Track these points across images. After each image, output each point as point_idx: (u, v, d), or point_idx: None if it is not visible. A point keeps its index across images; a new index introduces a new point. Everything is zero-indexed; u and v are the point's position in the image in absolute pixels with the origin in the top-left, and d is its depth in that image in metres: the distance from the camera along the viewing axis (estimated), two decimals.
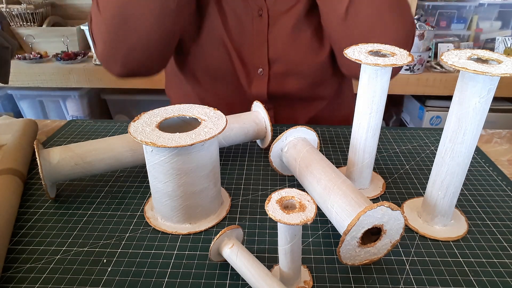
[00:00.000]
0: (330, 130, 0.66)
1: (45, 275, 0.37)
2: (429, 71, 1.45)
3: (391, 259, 0.39)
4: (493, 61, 0.36)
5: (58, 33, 1.57)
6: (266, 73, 0.66)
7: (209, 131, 0.40)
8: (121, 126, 0.67)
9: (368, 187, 0.50)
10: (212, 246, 0.36)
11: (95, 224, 0.44)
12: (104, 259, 0.39)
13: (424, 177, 0.53)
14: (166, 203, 0.42)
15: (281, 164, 0.51)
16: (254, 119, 0.57)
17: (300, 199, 0.33)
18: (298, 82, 0.67)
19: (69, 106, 1.63)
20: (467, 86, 0.36)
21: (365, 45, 0.45)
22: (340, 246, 0.35)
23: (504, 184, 0.52)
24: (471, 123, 0.37)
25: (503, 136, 0.66)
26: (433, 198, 0.42)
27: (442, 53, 0.38)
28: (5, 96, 1.65)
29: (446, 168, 0.40)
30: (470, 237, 0.42)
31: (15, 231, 0.43)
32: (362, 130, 0.46)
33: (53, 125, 0.70)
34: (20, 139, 0.56)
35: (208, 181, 0.42)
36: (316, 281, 0.37)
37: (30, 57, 1.48)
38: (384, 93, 0.43)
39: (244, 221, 0.45)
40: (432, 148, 0.61)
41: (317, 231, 0.43)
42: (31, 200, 0.48)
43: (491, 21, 1.61)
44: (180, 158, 0.39)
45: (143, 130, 0.40)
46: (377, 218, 0.36)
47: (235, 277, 0.37)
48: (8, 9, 1.53)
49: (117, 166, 0.49)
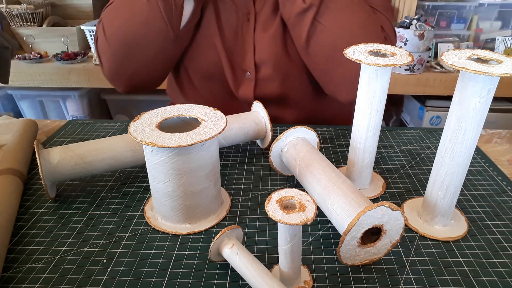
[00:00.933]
0: (330, 130, 0.66)
1: (45, 275, 0.37)
2: (429, 71, 1.45)
3: (391, 259, 0.39)
4: (493, 61, 0.36)
5: (58, 33, 1.57)
6: (253, 77, 0.66)
7: (209, 131, 0.40)
8: (121, 126, 0.67)
9: (368, 187, 0.50)
10: (212, 246, 0.36)
11: (95, 224, 0.44)
12: (104, 259, 0.39)
13: (424, 177, 0.53)
14: (166, 203, 0.42)
15: (281, 164, 0.51)
16: (254, 119, 0.57)
17: (300, 199, 0.33)
18: (285, 86, 0.67)
19: (69, 106, 1.63)
20: (467, 86, 0.36)
21: (365, 45, 0.45)
22: (340, 246, 0.35)
23: (504, 184, 0.52)
24: (471, 123, 0.37)
25: (503, 136, 0.66)
26: (433, 198, 0.42)
27: (442, 53, 0.38)
28: (5, 96, 1.65)
29: (446, 168, 0.40)
30: (470, 237, 0.42)
31: (15, 231, 0.43)
32: (362, 130, 0.46)
33: (53, 125, 0.70)
34: (20, 139, 0.56)
35: (208, 181, 0.42)
36: (316, 281, 0.37)
37: (30, 57, 1.48)
38: (384, 93, 0.43)
39: (244, 221, 0.45)
40: (432, 148, 0.61)
41: (317, 231, 0.43)
42: (31, 200, 0.48)
43: (491, 21, 1.61)
44: (180, 158, 0.39)
45: (143, 130, 0.40)
46: (377, 218, 0.36)
47: (235, 277, 0.37)
48: (8, 9, 1.53)
49: (117, 166, 0.49)
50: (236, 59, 0.67)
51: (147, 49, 0.56)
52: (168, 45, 0.58)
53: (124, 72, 0.59)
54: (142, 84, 0.63)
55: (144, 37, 0.55)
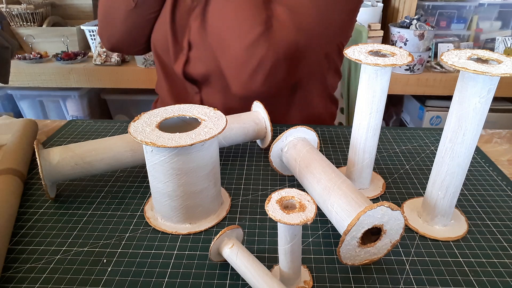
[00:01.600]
0: (330, 130, 0.66)
1: (45, 275, 0.37)
2: (429, 71, 1.45)
3: (391, 259, 0.39)
4: (493, 61, 0.36)
5: (58, 33, 1.57)
6: (186, 55, 0.68)
7: (209, 131, 0.40)
8: (121, 126, 0.67)
9: (368, 187, 0.50)
10: (212, 246, 0.36)
11: (95, 224, 0.44)
12: (104, 259, 0.39)
13: (424, 177, 0.53)
14: (166, 203, 0.42)
15: (281, 164, 0.51)
16: (254, 119, 0.57)
17: (300, 199, 0.33)
18: (212, 68, 0.67)
19: (69, 106, 1.63)
20: (467, 86, 0.36)
21: (365, 45, 0.45)
22: (340, 246, 0.35)
23: (504, 184, 0.52)
24: (471, 123, 0.37)
25: (503, 136, 0.66)
26: (433, 198, 0.42)
27: (442, 53, 0.38)
28: (5, 96, 1.65)
29: (446, 168, 0.40)
30: (470, 237, 0.42)
31: (15, 231, 0.43)
32: (362, 130, 0.46)
33: (53, 125, 0.70)
34: (20, 139, 0.56)
35: (208, 181, 0.42)
36: (316, 281, 0.37)
37: (30, 57, 1.48)
38: (384, 93, 0.43)
39: (244, 221, 0.45)
40: (432, 148, 0.61)
41: (317, 231, 0.43)
42: (31, 200, 0.48)
43: (491, 21, 1.61)
44: (180, 158, 0.39)
45: (143, 130, 0.40)
46: (377, 218, 0.36)
47: (235, 277, 0.37)
48: (8, 9, 1.53)
49: (117, 166, 0.49)
50: (178, 37, 0.70)
51: (115, 16, 0.71)
52: (130, 13, 0.70)
53: (104, 34, 0.75)
54: (119, 45, 0.75)
55: (113, 6, 0.70)
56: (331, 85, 0.76)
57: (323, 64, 0.70)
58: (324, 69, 0.72)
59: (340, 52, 0.72)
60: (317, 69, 0.71)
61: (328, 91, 0.76)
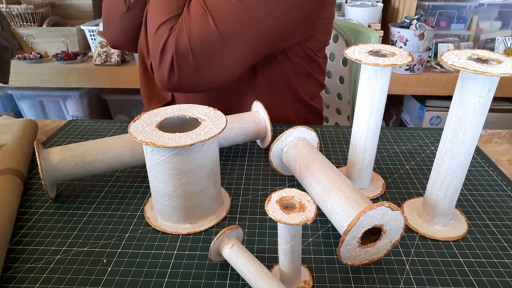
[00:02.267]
0: (330, 130, 0.66)
1: (45, 275, 0.37)
2: (429, 71, 1.45)
3: (391, 259, 0.39)
4: (493, 61, 0.36)
5: (58, 33, 1.57)
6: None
7: (209, 131, 0.40)
8: (121, 126, 0.67)
9: (368, 187, 0.50)
10: (212, 246, 0.36)
11: (95, 224, 0.44)
12: (104, 259, 0.39)
13: (424, 177, 0.53)
14: (166, 203, 0.42)
15: (281, 164, 0.51)
16: (254, 119, 0.57)
17: (300, 199, 0.33)
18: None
19: (69, 106, 1.63)
20: (467, 86, 0.36)
21: (365, 45, 0.45)
22: (340, 246, 0.35)
23: (504, 184, 0.52)
24: (471, 123, 0.37)
25: (503, 136, 0.66)
26: (433, 198, 0.42)
27: (442, 53, 0.38)
28: (5, 96, 1.65)
29: (446, 168, 0.40)
30: (470, 237, 0.42)
31: (15, 231, 0.43)
32: (362, 130, 0.46)
33: (53, 125, 0.70)
34: (20, 139, 0.56)
35: (208, 181, 0.42)
36: (316, 281, 0.37)
37: (30, 57, 1.48)
38: (384, 93, 0.43)
39: (244, 221, 0.45)
40: (432, 148, 0.61)
41: (317, 231, 0.43)
42: (31, 200, 0.48)
43: (491, 21, 1.61)
44: (180, 158, 0.39)
45: (143, 130, 0.40)
46: (377, 218, 0.36)
47: (235, 277, 0.37)
48: (8, 9, 1.53)
49: (117, 166, 0.49)
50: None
51: (113, 18, 0.77)
52: (124, 16, 0.75)
53: (106, 33, 0.81)
54: (119, 43, 0.81)
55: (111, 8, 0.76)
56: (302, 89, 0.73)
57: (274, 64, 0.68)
58: (288, 72, 0.69)
59: (309, 57, 0.70)
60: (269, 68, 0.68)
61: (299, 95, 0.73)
